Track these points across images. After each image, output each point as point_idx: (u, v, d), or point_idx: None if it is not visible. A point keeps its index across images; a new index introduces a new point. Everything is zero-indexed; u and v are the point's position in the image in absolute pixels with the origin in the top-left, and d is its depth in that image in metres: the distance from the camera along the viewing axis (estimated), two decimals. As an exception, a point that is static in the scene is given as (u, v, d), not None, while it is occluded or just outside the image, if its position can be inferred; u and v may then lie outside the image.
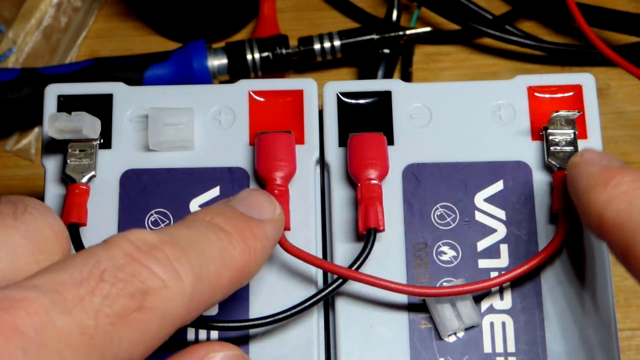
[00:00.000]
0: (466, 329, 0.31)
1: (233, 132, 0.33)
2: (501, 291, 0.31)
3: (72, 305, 0.20)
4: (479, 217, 0.32)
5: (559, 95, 0.34)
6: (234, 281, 0.25)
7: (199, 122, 0.34)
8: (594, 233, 0.28)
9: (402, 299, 0.31)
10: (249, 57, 0.44)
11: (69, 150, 0.32)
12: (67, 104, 0.34)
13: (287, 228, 0.31)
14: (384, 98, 0.34)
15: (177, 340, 0.31)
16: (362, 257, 0.31)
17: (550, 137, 0.33)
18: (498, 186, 0.33)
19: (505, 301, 0.31)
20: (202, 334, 0.31)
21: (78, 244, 0.31)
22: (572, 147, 0.32)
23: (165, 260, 0.22)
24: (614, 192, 0.27)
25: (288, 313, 0.30)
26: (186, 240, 0.24)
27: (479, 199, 0.32)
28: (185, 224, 0.25)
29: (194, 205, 0.32)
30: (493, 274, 0.32)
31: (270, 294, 0.31)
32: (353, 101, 0.34)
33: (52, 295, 0.20)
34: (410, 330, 0.31)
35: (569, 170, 0.30)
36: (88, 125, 0.32)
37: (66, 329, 0.20)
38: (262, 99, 0.34)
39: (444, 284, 0.31)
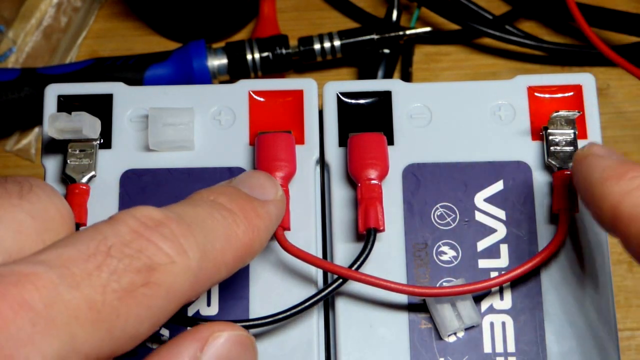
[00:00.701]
0: (466, 329, 0.31)
1: (233, 132, 0.33)
2: (501, 291, 0.31)
3: (80, 280, 0.20)
4: (479, 217, 0.32)
5: (559, 95, 0.34)
6: (238, 259, 0.25)
7: (199, 122, 0.34)
8: (605, 226, 0.27)
9: (402, 299, 0.31)
10: (249, 57, 0.44)
11: (69, 150, 0.32)
12: (67, 104, 0.34)
13: (287, 228, 0.31)
14: (384, 98, 0.34)
15: (177, 340, 0.31)
16: (362, 257, 0.31)
17: (550, 137, 0.33)
18: (498, 186, 0.33)
19: (505, 301, 0.31)
20: (202, 334, 0.31)
21: (78, 244, 0.31)
22: (572, 147, 0.32)
23: (171, 236, 0.22)
24: (631, 185, 0.26)
25: (288, 313, 0.30)
26: (191, 218, 0.24)
27: (479, 199, 0.32)
28: (189, 202, 0.25)
29: (194, 205, 0.32)
30: (493, 274, 0.32)
31: (270, 294, 0.31)
32: (353, 101, 0.34)
33: (60, 269, 0.20)
34: (410, 330, 0.31)
35: (578, 162, 0.29)
36: (88, 125, 0.32)
37: (74, 303, 0.20)
38: (262, 99, 0.34)
39: (444, 284, 0.31)
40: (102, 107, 0.34)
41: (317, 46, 0.44)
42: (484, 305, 0.31)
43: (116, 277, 0.21)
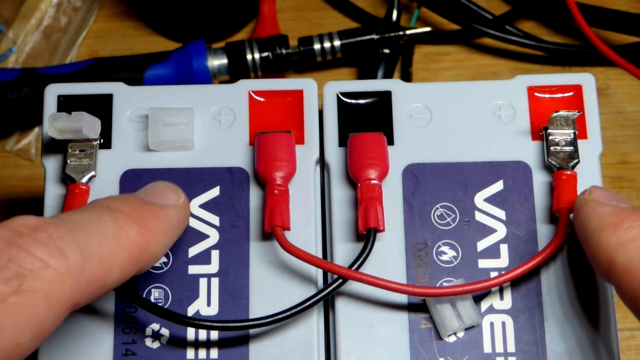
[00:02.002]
0: (466, 329, 0.31)
1: (233, 132, 0.33)
2: (501, 291, 0.31)
3: None
4: (479, 217, 0.32)
5: (559, 95, 0.34)
6: (134, 260, 0.25)
7: (199, 122, 0.34)
8: (601, 276, 0.28)
9: (402, 299, 0.31)
10: (249, 57, 0.44)
11: (69, 150, 0.32)
12: (67, 104, 0.34)
13: (287, 228, 0.31)
14: (384, 98, 0.34)
15: (177, 340, 0.31)
16: (362, 257, 0.31)
17: (550, 137, 0.33)
18: (498, 186, 0.33)
19: (505, 301, 0.31)
20: (202, 333, 0.31)
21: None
22: (572, 147, 0.32)
23: (46, 240, 0.22)
24: (626, 237, 0.26)
25: (288, 313, 0.30)
26: (76, 221, 0.24)
27: (479, 199, 0.32)
28: (81, 208, 0.26)
29: (194, 205, 0.32)
30: (493, 274, 0.32)
31: (270, 294, 0.31)
32: (353, 101, 0.34)
33: None
34: (410, 330, 0.31)
35: (577, 209, 0.29)
36: (88, 125, 0.32)
37: None
38: (262, 99, 0.34)
39: (444, 284, 0.31)
40: (102, 107, 0.34)
41: (317, 46, 0.44)
42: (484, 305, 0.31)
43: None
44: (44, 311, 0.22)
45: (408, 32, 0.45)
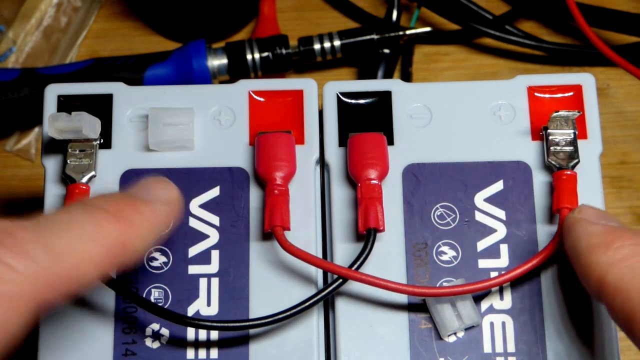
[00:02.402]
0: (466, 329, 0.31)
1: (233, 132, 0.33)
2: (501, 291, 0.31)
3: None
4: (479, 217, 0.32)
5: (559, 95, 0.34)
6: (112, 256, 0.25)
7: (199, 122, 0.34)
8: (593, 295, 0.28)
9: (402, 299, 0.31)
10: (249, 57, 0.44)
11: (69, 150, 0.32)
12: (67, 104, 0.34)
13: (287, 228, 0.31)
14: (384, 98, 0.34)
15: (177, 340, 0.31)
16: (362, 257, 0.31)
17: (550, 137, 0.33)
18: (498, 186, 0.33)
19: (505, 301, 0.31)
20: (202, 333, 0.31)
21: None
22: (572, 147, 0.32)
23: (13, 244, 0.23)
24: (616, 256, 0.26)
25: (288, 313, 0.30)
26: (49, 222, 0.24)
27: (479, 199, 0.32)
28: (63, 208, 0.26)
29: (194, 205, 0.32)
30: (493, 274, 0.32)
31: (270, 294, 0.31)
32: (353, 101, 0.34)
33: None
34: (410, 330, 0.31)
35: (567, 228, 0.29)
36: (88, 125, 0.32)
37: None
38: (262, 99, 0.34)
39: (444, 284, 0.31)
40: (102, 107, 0.34)
41: (317, 46, 0.44)
42: (484, 305, 0.31)
43: None
44: (9, 314, 0.22)
45: (408, 32, 0.45)
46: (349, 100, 0.34)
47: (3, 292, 0.22)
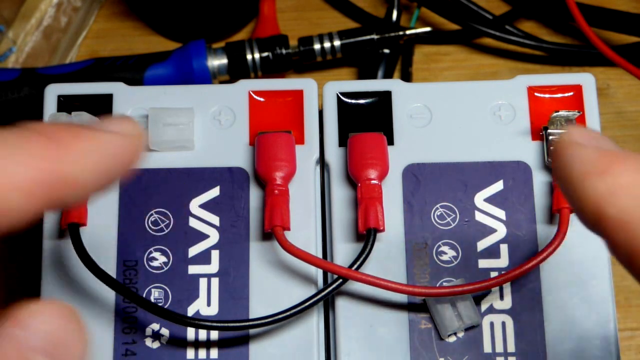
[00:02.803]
0: (466, 329, 0.31)
1: (233, 132, 0.33)
2: (501, 291, 0.31)
3: None
4: (479, 217, 0.32)
5: (559, 95, 0.34)
6: (47, 185, 0.22)
7: (199, 122, 0.34)
8: (590, 229, 0.24)
9: (402, 299, 0.31)
10: (249, 57, 0.44)
11: (69, 150, 0.32)
12: (67, 104, 0.34)
13: (287, 228, 0.31)
14: (384, 98, 0.34)
15: (177, 340, 0.31)
16: (362, 257, 0.31)
17: (551, 137, 0.33)
18: (498, 186, 0.33)
19: (505, 301, 0.31)
20: (202, 333, 0.31)
21: (78, 244, 0.31)
22: (572, 147, 0.32)
23: None
24: (617, 183, 0.22)
25: (288, 313, 0.30)
26: None
27: (479, 199, 0.32)
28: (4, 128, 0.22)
29: (194, 205, 0.32)
30: (493, 274, 0.32)
31: (270, 294, 0.31)
32: (353, 101, 0.34)
33: None
34: (410, 330, 0.31)
35: (556, 152, 0.25)
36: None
37: None
38: (262, 99, 0.34)
39: (444, 284, 0.31)
40: (102, 107, 0.34)
41: (317, 46, 0.44)
42: (484, 305, 0.31)
43: None
44: None
45: (408, 32, 0.45)
46: (349, 100, 0.34)
47: None
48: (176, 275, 0.32)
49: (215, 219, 0.32)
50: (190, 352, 0.31)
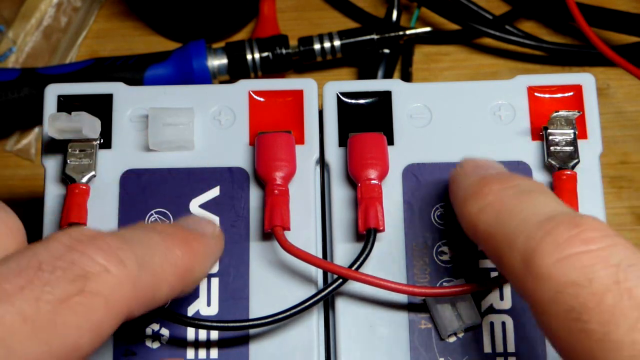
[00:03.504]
0: (466, 329, 0.31)
1: (233, 132, 0.33)
2: (501, 291, 0.31)
3: (12, 294, 0.20)
4: (479, 217, 0.32)
5: (559, 95, 0.34)
6: (179, 279, 0.25)
7: (199, 122, 0.34)
8: (472, 240, 0.28)
9: (402, 299, 0.31)
10: (249, 57, 0.44)
11: (69, 150, 0.32)
12: (67, 104, 0.34)
13: (287, 228, 0.31)
14: (384, 98, 0.34)
15: (177, 340, 0.31)
16: (362, 257, 0.31)
17: (550, 137, 0.33)
18: (498, 186, 0.33)
19: (505, 301, 0.31)
20: (202, 333, 0.31)
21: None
22: (572, 147, 0.32)
23: (106, 247, 0.23)
24: (483, 203, 0.27)
25: (288, 313, 0.30)
26: (129, 236, 0.24)
27: (479, 199, 0.32)
28: (129, 226, 0.26)
29: (194, 205, 0.32)
30: (493, 274, 0.32)
31: (270, 294, 0.31)
32: (353, 101, 0.34)
33: None
34: (410, 330, 0.31)
35: (449, 181, 0.30)
36: (88, 125, 0.32)
37: (8, 318, 0.20)
38: (262, 99, 0.34)
39: (444, 284, 0.31)
40: (102, 107, 0.34)
41: (317, 46, 0.44)
42: (484, 305, 0.31)
43: (49, 288, 0.21)
44: (102, 315, 0.22)
45: (408, 32, 0.45)
46: (349, 100, 0.34)
47: (99, 291, 0.22)
48: (176, 275, 0.32)
49: (215, 219, 0.32)
50: (190, 352, 0.31)
